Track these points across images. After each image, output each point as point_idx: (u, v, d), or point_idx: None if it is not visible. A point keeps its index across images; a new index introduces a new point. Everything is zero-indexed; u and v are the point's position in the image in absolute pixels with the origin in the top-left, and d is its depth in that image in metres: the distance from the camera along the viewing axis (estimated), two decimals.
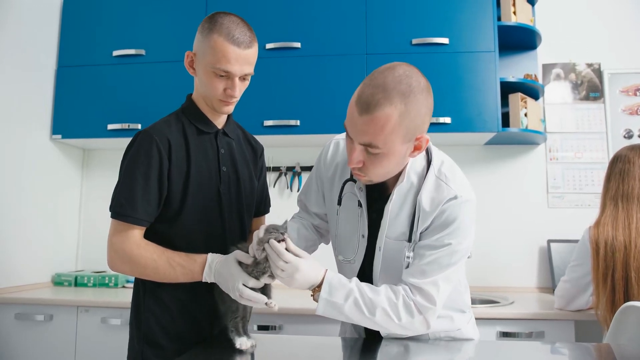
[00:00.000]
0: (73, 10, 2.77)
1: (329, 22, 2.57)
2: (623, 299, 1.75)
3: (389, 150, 1.13)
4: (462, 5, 2.49)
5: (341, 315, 1.20)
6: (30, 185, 2.57)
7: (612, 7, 2.79)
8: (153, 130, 1.32)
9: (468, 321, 1.42)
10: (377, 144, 1.12)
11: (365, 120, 1.10)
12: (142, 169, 1.28)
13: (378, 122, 1.09)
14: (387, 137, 1.11)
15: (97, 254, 2.91)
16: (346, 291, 1.19)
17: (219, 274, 1.22)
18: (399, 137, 1.12)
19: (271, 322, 2.14)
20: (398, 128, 1.10)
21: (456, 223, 1.21)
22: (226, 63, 1.27)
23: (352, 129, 1.15)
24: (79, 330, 2.25)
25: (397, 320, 1.19)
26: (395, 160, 1.18)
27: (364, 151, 1.15)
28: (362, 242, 1.31)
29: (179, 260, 1.25)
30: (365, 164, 1.17)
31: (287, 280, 1.18)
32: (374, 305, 1.18)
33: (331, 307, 1.19)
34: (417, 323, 1.20)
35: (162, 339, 1.32)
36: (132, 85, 2.65)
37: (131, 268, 1.28)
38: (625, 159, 1.90)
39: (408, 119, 1.11)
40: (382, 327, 1.22)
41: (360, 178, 1.22)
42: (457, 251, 1.22)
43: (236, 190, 1.43)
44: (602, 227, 1.85)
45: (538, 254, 2.68)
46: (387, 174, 1.22)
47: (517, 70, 2.74)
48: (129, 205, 1.27)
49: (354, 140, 1.15)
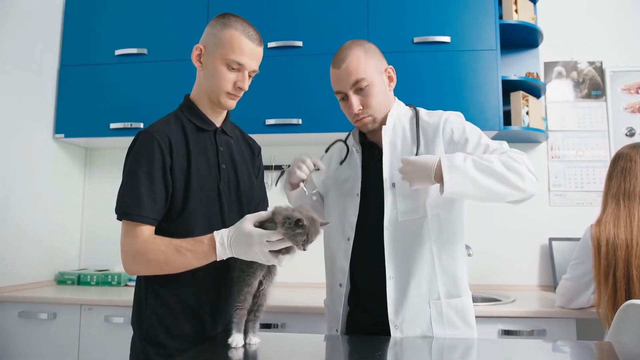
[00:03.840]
0: (75, 10, 2.78)
1: (330, 20, 2.57)
2: (624, 297, 1.75)
3: (372, 79, 1.43)
4: (463, 3, 2.49)
5: (467, 177, 1.25)
6: (33, 184, 2.58)
7: (614, 5, 2.78)
8: (153, 130, 1.33)
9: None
10: (361, 76, 1.42)
11: (344, 67, 1.43)
12: (146, 168, 1.29)
13: (352, 62, 1.42)
14: (365, 68, 1.42)
15: (100, 252, 2.93)
16: (462, 155, 1.30)
17: (237, 245, 1.18)
18: (373, 68, 1.44)
19: (274, 320, 2.14)
20: (368, 60, 1.44)
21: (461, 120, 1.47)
22: (241, 55, 1.33)
23: (339, 84, 1.45)
24: (82, 329, 2.26)
25: (515, 163, 1.28)
26: (381, 89, 1.47)
27: (357, 95, 1.44)
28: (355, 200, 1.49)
29: (186, 246, 1.23)
30: (363, 104, 1.44)
31: (409, 172, 1.31)
32: (489, 159, 1.29)
33: (456, 171, 1.25)
34: (525, 171, 1.29)
35: (164, 337, 1.32)
36: (135, 84, 2.65)
37: (145, 267, 1.28)
38: (627, 157, 1.90)
39: (371, 54, 1.46)
40: (504, 175, 1.26)
41: (365, 120, 1.46)
42: (475, 129, 1.44)
43: (235, 188, 1.44)
44: (604, 225, 1.85)
45: (540, 252, 2.68)
46: (382, 103, 1.47)
47: (518, 68, 2.74)
48: (135, 205, 1.27)
49: (347, 93, 1.44)
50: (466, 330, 1.42)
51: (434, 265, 1.40)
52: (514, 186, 1.28)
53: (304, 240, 1.14)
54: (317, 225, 1.16)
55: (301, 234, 1.13)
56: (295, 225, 1.13)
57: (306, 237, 1.14)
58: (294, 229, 1.13)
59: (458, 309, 1.42)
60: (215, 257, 1.22)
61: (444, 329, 1.39)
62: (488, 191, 1.27)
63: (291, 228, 1.13)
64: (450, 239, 1.43)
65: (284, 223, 1.14)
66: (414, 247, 1.41)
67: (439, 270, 1.40)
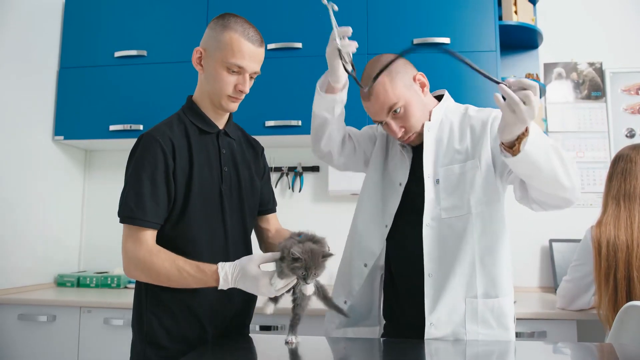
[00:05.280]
0: (75, 12, 2.78)
1: (330, 22, 2.56)
2: (625, 299, 1.75)
3: (404, 98, 1.42)
4: (463, 4, 2.49)
5: (541, 148, 1.18)
6: (33, 186, 2.58)
7: (614, 6, 2.79)
8: (156, 133, 1.32)
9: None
10: (393, 102, 1.41)
11: (374, 100, 1.42)
12: (148, 172, 1.28)
13: (379, 92, 1.41)
14: (394, 92, 1.41)
15: (99, 254, 2.92)
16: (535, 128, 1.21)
17: (242, 284, 1.22)
18: (401, 87, 1.42)
19: (273, 322, 2.14)
20: (394, 82, 1.41)
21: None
22: (241, 58, 1.31)
23: (375, 116, 1.45)
24: (82, 331, 2.25)
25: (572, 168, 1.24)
26: (417, 103, 1.44)
27: (395, 119, 1.44)
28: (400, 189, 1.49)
29: (189, 270, 1.24)
30: (404, 126, 1.44)
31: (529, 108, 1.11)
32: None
33: (541, 137, 1.19)
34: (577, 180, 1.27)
35: (164, 339, 1.32)
36: (134, 86, 2.65)
37: (145, 275, 1.28)
38: (627, 158, 1.90)
39: (393, 74, 1.41)
40: (567, 168, 1.23)
41: (410, 139, 1.47)
42: None
43: (237, 191, 1.43)
44: (604, 226, 1.85)
45: (540, 254, 2.67)
46: (421, 117, 1.46)
47: (518, 69, 2.73)
48: (138, 209, 1.26)
49: (385, 119, 1.44)
50: (501, 332, 1.39)
51: (475, 264, 1.38)
52: (571, 181, 1.25)
53: (303, 274, 1.14)
54: (317, 258, 1.14)
55: (299, 267, 1.13)
56: (293, 259, 1.13)
57: (305, 270, 1.14)
58: (292, 262, 1.13)
59: (494, 310, 1.38)
60: (216, 286, 1.24)
61: (477, 328, 1.37)
62: (553, 172, 1.21)
63: (289, 261, 1.14)
64: (493, 237, 1.41)
65: (283, 258, 1.15)
66: (456, 246, 1.39)
67: (479, 270, 1.38)
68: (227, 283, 1.22)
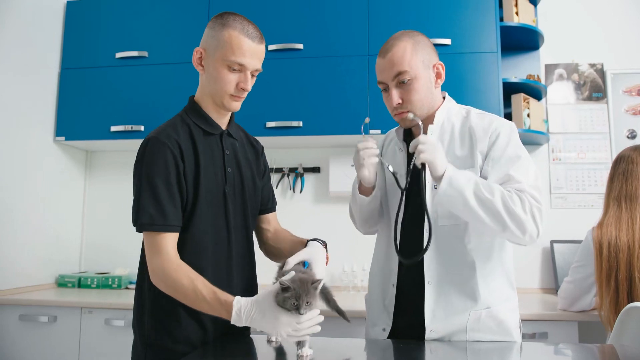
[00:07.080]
0: (76, 13, 2.79)
1: (331, 23, 2.57)
2: (627, 300, 1.75)
3: (415, 73, 1.37)
4: (464, 6, 2.49)
5: (460, 195, 1.24)
6: (34, 187, 2.58)
7: (615, 7, 2.78)
8: (162, 136, 1.31)
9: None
10: (404, 69, 1.36)
11: (389, 57, 1.38)
12: (162, 176, 1.27)
13: (397, 52, 1.37)
14: (410, 61, 1.37)
15: (100, 255, 2.93)
16: (470, 175, 1.29)
17: (257, 325, 1.15)
18: (419, 62, 1.38)
19: None
20: (414, 53, 1.38)
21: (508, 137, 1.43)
22: (241, 55, 1.30)
23: (382, 74, 1.41)
24: (83, 332, 2.26)
25: (513, 205, 1.24)
26: (425, 85, 1.40)
27: (398, 88, 1.39)
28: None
29: (205, 294, 1.20)
30: (403, 98, 1.39)
31: (429, 152, 1.26)
32: (493, 190, 1.26)
33: (455, 186, 1.25)
34: (525, 219, 1.26)
35: (164, 341, 1.31)
36: (135, 87, 2.65)
37: (165, 287, 1.25)
38: (629, 160, 1.89)
39: (419, 47, 1.39)
40: (497, 212, 1.25)
41: (403, 115, 1.41)
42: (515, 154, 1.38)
43: (240, 191, 1.43)
44: (606, 227, 1.85)
45: (541, 255, 2.67)
46: (424, 100, 1.40)
47: (519, 70, 2.74)
48: (159, 214, 1.25)
49: (388, 84, 1.39)
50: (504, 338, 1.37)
51: (475, 273, 1.36)
52: (505, 227, 1.26)
53: (295, 303, 1.10)
54: (306, 286, 1.11)
55: (289, 297, 1.10)
56: (282, 289, 1.11)
57: (295, 300, 1.10)
58: (282, 292, 1.11)
59: (497, 319, 1.36)
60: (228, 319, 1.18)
61: (479, 335, 1.35)
62: (477, 220, 1.27)
63: (280, 293, 1.12)
64: (493, 244, 1.40)
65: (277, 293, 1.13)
66: (454, 254, 1.38)
67: (480, 277, 1.36)
68: (239, 318, 1.15)
